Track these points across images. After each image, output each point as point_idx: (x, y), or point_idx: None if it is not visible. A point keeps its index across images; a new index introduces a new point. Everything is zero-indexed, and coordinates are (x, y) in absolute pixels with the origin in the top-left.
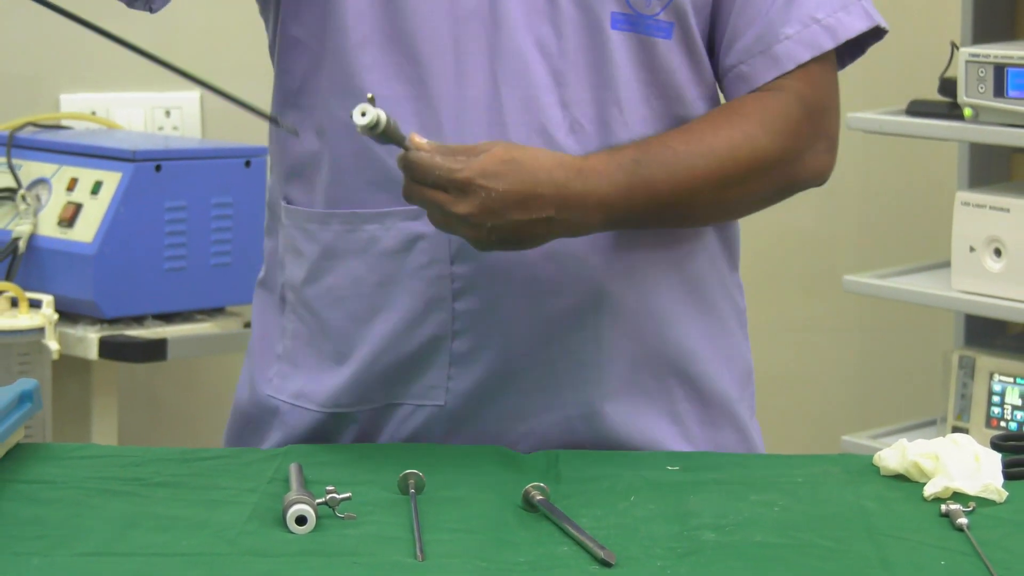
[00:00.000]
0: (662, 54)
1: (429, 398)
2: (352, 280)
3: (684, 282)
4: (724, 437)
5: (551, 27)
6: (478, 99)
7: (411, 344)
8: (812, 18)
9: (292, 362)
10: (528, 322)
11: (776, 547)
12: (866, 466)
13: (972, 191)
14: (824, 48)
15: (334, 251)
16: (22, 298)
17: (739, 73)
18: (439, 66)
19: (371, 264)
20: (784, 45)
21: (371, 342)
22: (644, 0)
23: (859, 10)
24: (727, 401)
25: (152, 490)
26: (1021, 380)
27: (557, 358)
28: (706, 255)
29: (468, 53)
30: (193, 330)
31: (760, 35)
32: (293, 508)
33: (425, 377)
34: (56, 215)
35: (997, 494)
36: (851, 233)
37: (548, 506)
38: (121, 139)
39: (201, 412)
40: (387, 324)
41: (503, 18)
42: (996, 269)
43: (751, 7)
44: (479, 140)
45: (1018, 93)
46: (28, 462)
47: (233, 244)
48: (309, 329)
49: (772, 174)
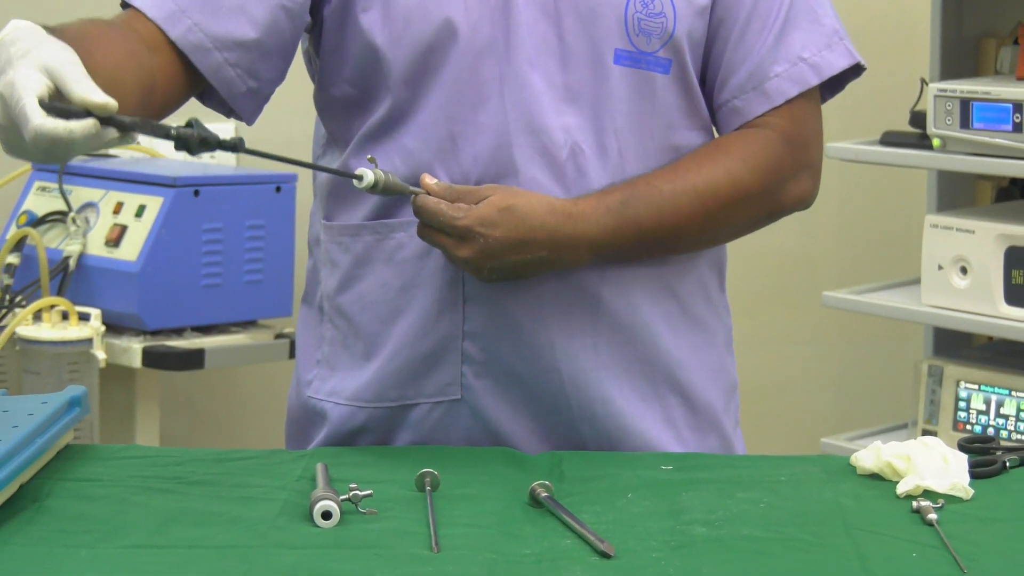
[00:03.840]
0: (660, 88)
1: (445, 394)
2: (380, 285)
3: (672, 298)
4: (710, 443)
5: (558, 61)
6: (489, 124)
7: (427, 343)
8: (799, 57)
9: (330, 365)
10: (531, 327)
11: (761, 541)
12: (843, 466)
13: (940, 214)
14: (810, 84)
15: (365, 259)
16: (72, 311)
17: (733, 108)
18: (457, 93)
19: (396, 270)
20: (774, 82)
21: (393, 341)
22: (645, 38)
23: (842, 49)
24: (713, 411)
25: (190, 488)
26: (985, 387)
27: (561, 362)
28: (695, 275)
29: (483, 82)
30: (228, 341)
31: (752, 72)
32: (319, 504)
33: (440, 375)
34: (103, 236)
35: (964, 492)
36: (830, 253)
37: (552, 503)
38: (163, 167)
39: (236, 416)
40: (407, 324)
41: (515, 51)
42: (962, 286)
43: (743, 47)
44: (489, 160)
45: (982, 125)
46: (76, 462)
47: (265, 262)
48: (343, 334)
49: (754, 205)
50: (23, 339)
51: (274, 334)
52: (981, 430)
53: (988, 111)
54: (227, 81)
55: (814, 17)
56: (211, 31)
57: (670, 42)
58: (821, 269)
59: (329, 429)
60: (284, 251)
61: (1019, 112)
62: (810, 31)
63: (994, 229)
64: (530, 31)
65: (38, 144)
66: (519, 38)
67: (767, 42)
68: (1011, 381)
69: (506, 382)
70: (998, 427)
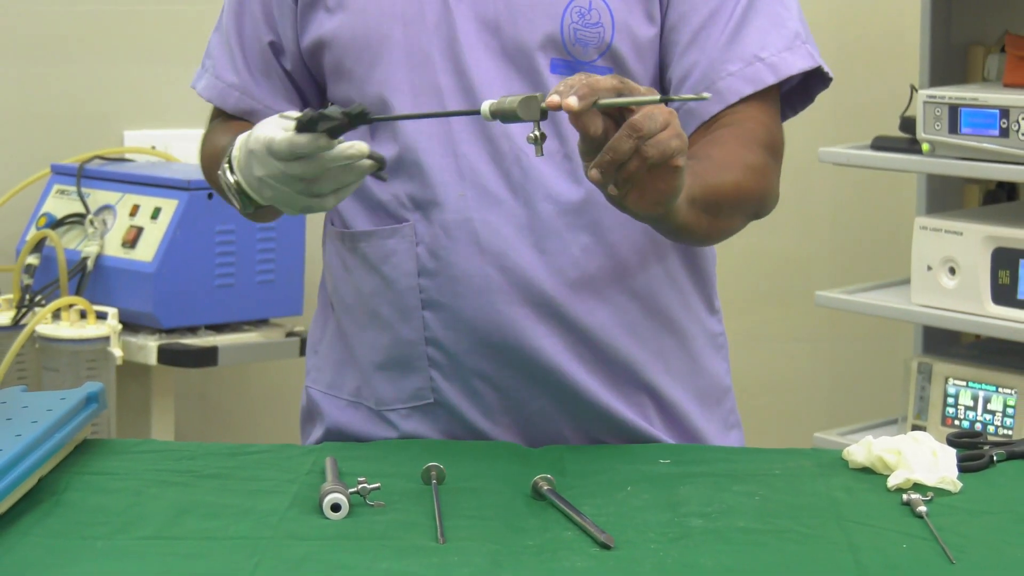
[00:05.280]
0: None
1: (419, 398)
2: (355, 290)
3: (634, 300)
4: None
5: (501, 70)
6: (434, 134)
7: (396, 351)
8: (756, 56)
9: (325, 358)
10: (490, 329)
11: (756, 532)
12: (836, 460)
13: (929, 217)
14: (766, 83)
15: (347, 265)
16: (90, 310)
17: (687, 109)
18: (402, 104)
19: (365, 277)
20: (727, 81)
21: (367, 347)
22: (582, 48)
23: (803, 52)
24: (683, 413)
25: (203, 481)
26: (973, 384)
27: (526, 361)
28: (665, 278)
29: (427, 94)
30: (241, 339)
31: (705, 72)
32: (329, 497)
33: (411, 380)
34: (120, 237)
35: (953, 485)
36: (823, 254)
37: (554, 495)
38: (178, 170)
39: (248, 412)
40: (376, 331)
41: (459, 62)
42: (950, 286)
43: (696, 48)
44: (436, 171)
45: (970, 130)
46: (94, 456)
47: (276, 263)
48: (334, 331)
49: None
50: (43, 337)
51: (285, 332)
52: (969, 425)
53: (976, 117)
54: None
55: (777, 20)
56: (255, 95)
57: (608, 52)
58: (814, 269)
59: (325, 421)
60: (295, 252)
61: (1006, 118)
62: (769, 32)
63: (981, 231)
64: (469, 43)
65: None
66: (459, 49)
67: (720, 42)
68: (998, 378)
69: (476, 383)
70: (985, 422)
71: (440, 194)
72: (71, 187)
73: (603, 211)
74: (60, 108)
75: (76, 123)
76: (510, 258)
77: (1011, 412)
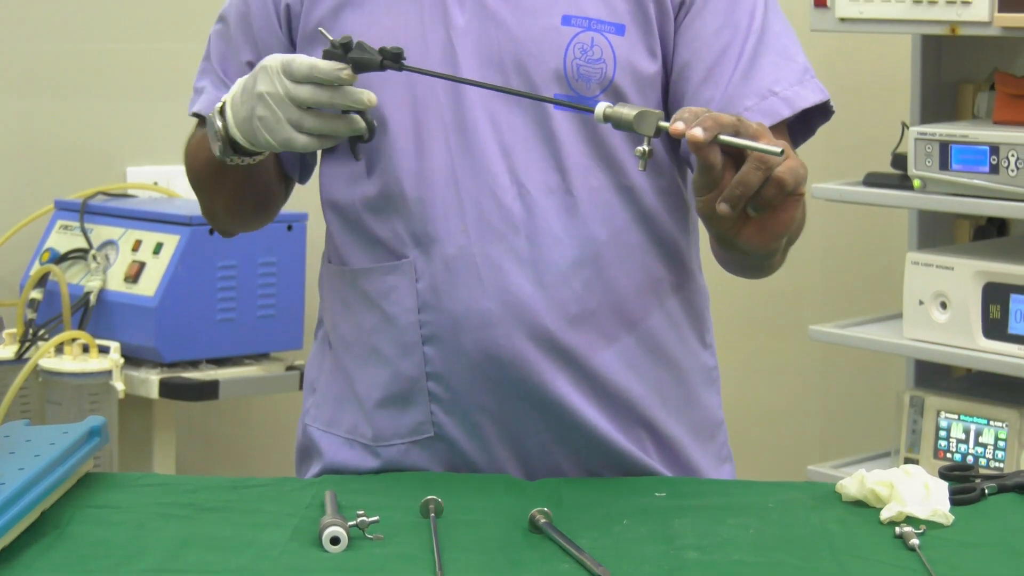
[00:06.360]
0: (603, 129)
1: (419, 433)
2: (355, 327)
3: (633, 335)
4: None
5: (503, 105)
6: (434, 169)
7: (397, 386)
8: (770, 91)
9: (324, 395)
10: (488, 363)
11: (751, 565)
12: (829, 493)
13: (921, 252)
14: (781, 116)
15: (346, 302)
16: (92, 344)
17: None
18: (402, 142)
19: (365, 313)
20: (744, 116)
21: (367, 383)
22: (585, 84)
23: (814, 85)
24: (680, 446)
25: (205, 514)
26: (965, 417)
27: (525, 394)
28: (662, 314)
29: (428, 128)
30: (242, 373)
31: (722, 108)
32: (328, 530)
33: (412, 415)
34: (123, 272)
35: (945, 518)
36: (815, 288)
37: (551, 528)
38: (180, 206)
39: (249, 445)
40: (377, 367)
41: (461, 97)
42: (942, 320)
43: (710, 85)
44: (437, 206)
45: (961, 167)
46: (96, 489)
47: (277, 297)
48: (333, 368)
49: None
50: (46, 371)
51: (285, 366)
52: (961, 458)
53: (966, 153)
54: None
55: (786, 54)
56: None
57: (610, 87)
58: (807, 303)
59: (323, 458)
60: (295, 287)
61: (996, 154)
62: (781, 66)
63: (972, 266)
64: (472, 78)
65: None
66: (463, 86)
67: (735, 78)
68: (989, 411)
69: (475, 415)
70: (977, 455)
71: (440, 230)
72: (74, 222)
73: (603, 247)
74: (63, 144)
75: (79, 159)
76: (511, 292)
77: (1002, 445)
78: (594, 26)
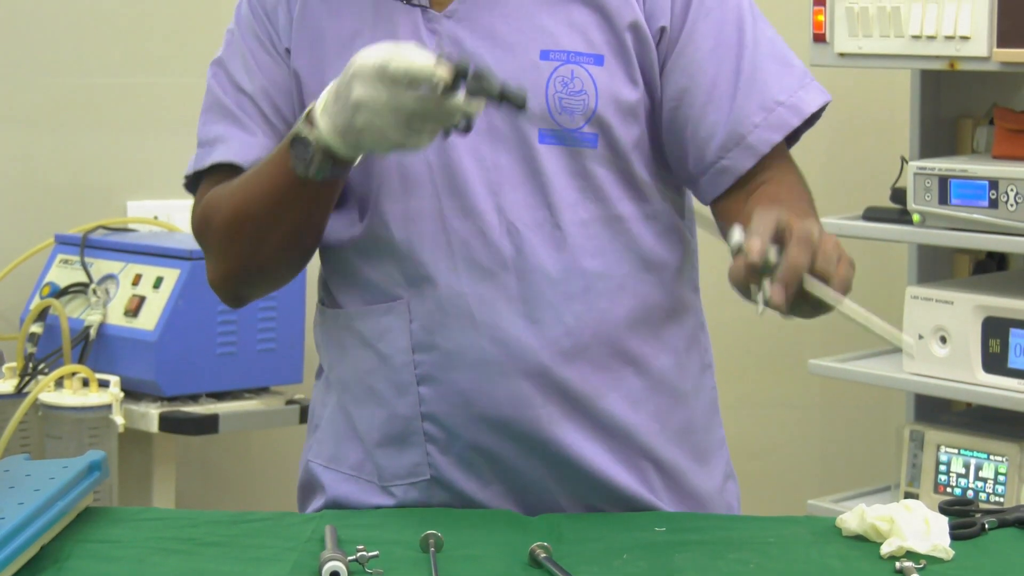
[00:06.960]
0: (590, 161)
1: (416, 475)
2: (352, 368)
3: (629, 364)
4: (688, 505)
5: (488, 143)
6: (422, 210)
7: (393, 427)
8: (775, 101)
9: (326, 432)
10: (484, 402)
11: None
12: (829, 528)
13: (920, 286)
14: (792, 126)
15: (342, 344)
16: (92, 379)
17: (720, 168)
18: (388, 184)
19: (361, 354)
20: (755, 133)
21: (365, 424)
22: (568, 116)
23: (814, 88)
24: (683, 473)
25: (205, 548)
26: (965, 451)
27: (521, 432)
28: (658, 343)
29: (413, 170)
30: (242, 407)
31: (732, 129)
32: (328, 564)
33: (409, 456)
34: (123, 306)
35: (945, 553)
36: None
37: (551, 563)
38: (180, 240)
39: (249, 479)
40: (373, 408)
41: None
42: (942, 355)
43: (713, 108)
44: (426, 247)
45: (960, 201)
46: (96, 524)
47: (276, 332)
48: (335, 407)
49: None
50: (46, 405)
51: (285, 400)
52: (961, 493)
53: (965, 188)
54: None
55: (783, 60)
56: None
57: (593, 118)
58: (806, 337)
59: (326, 493)
60: (295, 321)
61: (995, 189)
62: (781, 74)
63: (972, 300)
64: None
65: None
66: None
67: (738, 97)
68: (989, 446)
69: (471, 455)
70: (977, 490)
71: (431, 270)
72: (74, 257)
73: (593, 279)
74: (64, 179)
75: (79, 194)
76: (503, 330)
77: (1002, 480)
78: (573, 59)
